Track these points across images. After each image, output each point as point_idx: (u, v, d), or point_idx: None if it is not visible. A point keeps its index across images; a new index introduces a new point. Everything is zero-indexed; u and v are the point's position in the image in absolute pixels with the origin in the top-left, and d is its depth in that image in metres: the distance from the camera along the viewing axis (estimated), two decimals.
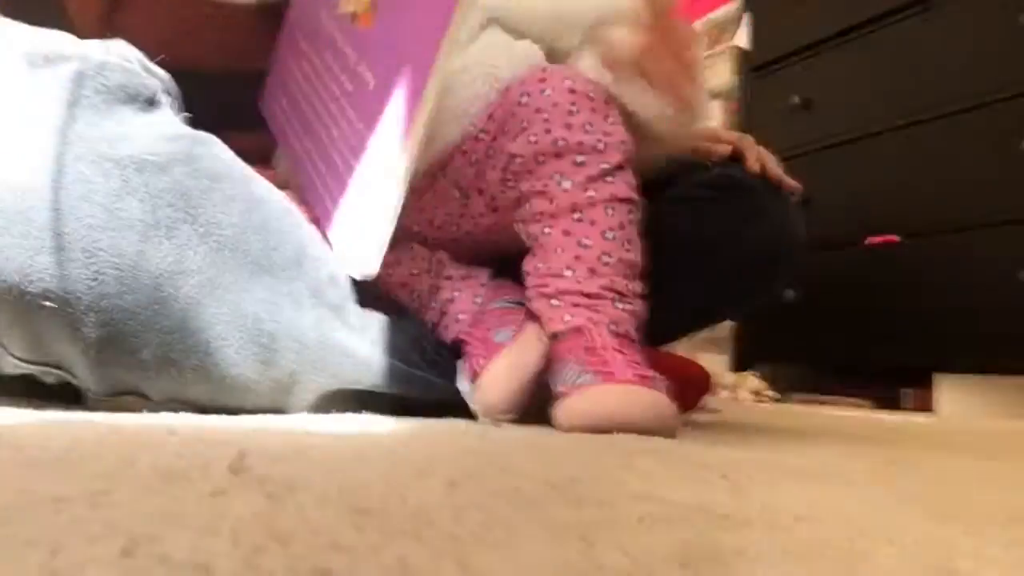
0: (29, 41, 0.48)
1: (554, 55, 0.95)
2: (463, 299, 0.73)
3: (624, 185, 0.69)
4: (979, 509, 0.32)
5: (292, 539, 0.19)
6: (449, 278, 0.75)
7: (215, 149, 0.54)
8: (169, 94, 0.55)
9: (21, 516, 0.19)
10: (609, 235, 0.67)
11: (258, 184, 0.57)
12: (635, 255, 0.67)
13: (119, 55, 0.51)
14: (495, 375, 0.65)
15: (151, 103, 0.52)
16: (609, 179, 0.68)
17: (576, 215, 0.67)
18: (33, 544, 0.17)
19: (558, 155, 0.69)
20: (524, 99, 0.73)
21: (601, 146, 0.68)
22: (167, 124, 0.52)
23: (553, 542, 0.21)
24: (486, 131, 0.77)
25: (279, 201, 0.58)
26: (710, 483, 0.34)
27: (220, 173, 0.53)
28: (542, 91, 0.72)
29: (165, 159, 0.49)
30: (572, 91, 0.71)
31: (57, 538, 0.17)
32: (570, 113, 0.70)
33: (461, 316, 0.73)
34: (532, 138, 0.70)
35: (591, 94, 0.71)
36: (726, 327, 2.30)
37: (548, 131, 0.69)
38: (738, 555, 0.20)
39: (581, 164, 0.68)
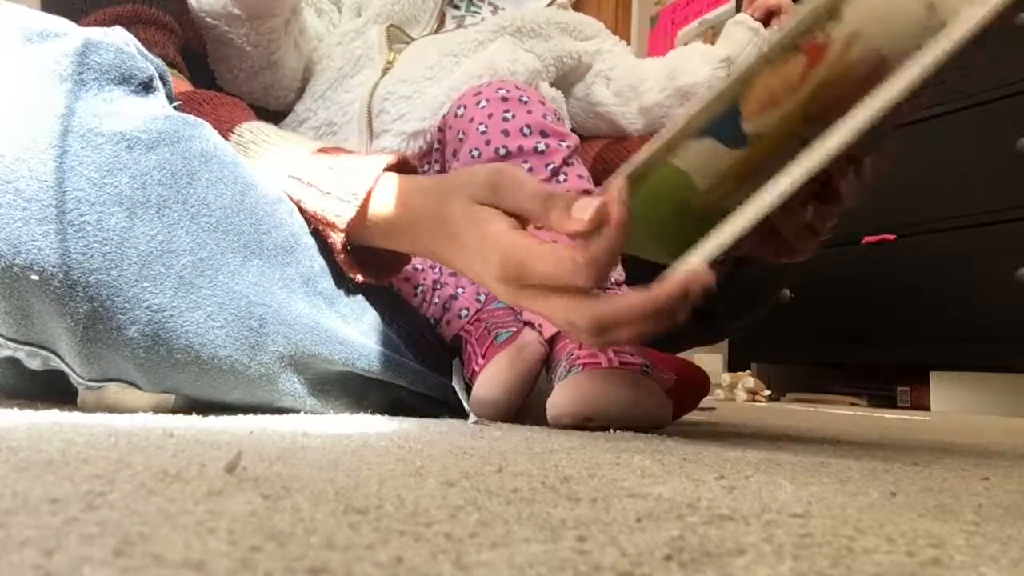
0: (24, 17, 0.49)
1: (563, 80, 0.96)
2: (466, 296, 0.74)
3: (575, 179, 0.69)
4: (975, 506, 0.32)
5: (288, 539, 0.19)
6: (453, 274, 0.75)
7: (205, 132, 0.54)
8: (164, 81, 0.55)
9: (16, 518, 0.19)
10: None
11: (248, 169, 0.57)
12: None
13: (116, 38, 0.51)
14: (492, 375, 0.65)
15: (146, 88, 0.52)
16: (560, 178, 0.69)
17: None
18: (28, 545, 0.17)
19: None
20: (460, 111, 0.74)
21: (543, 147, 0.69)
22: (158, 107, 0.52)
23: (549, 541, 0.21)
24: (440, 142, 0.79)
25: (271, 188, 0.58)
26: (705, 481, 0.34)
27: (210, 155, 0.53)
28: (477, 103, 0.73)
29: (154, 138, 0.49)
30: (505, 99, 0.72)
31: (52, 539, 0.17)
32: (505, 120, 0.71)
33: (463, 313, 0.73)
34: (474, 152, 0.71)
35: (523, 98, 0.72)
36: None
37: (488, 142, 0.70)
38: (733, 553, 0.20)
39: (528, 170, 0.68)
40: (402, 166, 0.61)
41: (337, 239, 0.59)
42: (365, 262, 0.61)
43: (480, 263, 0.50)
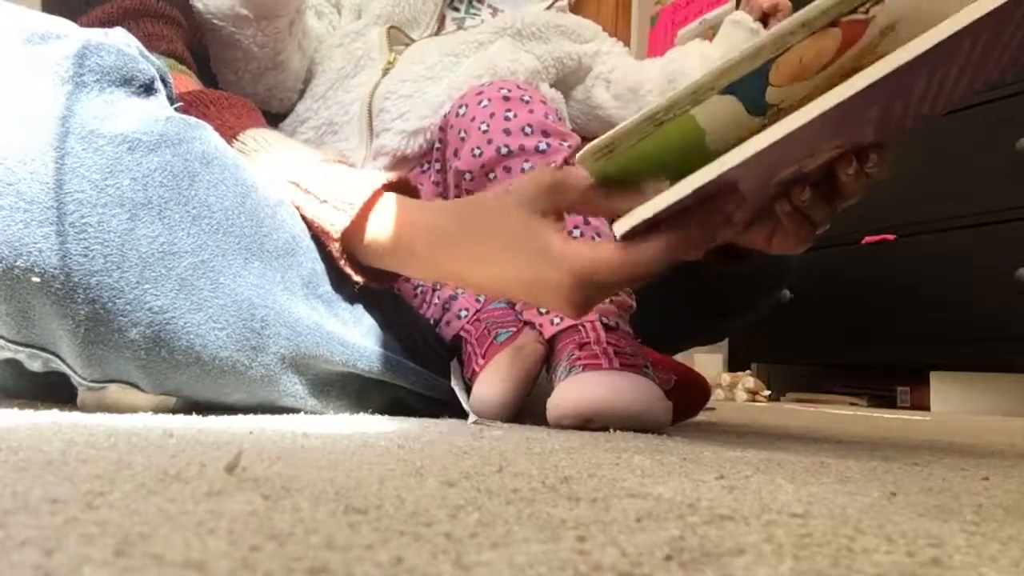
0: (24, 19, 0.48)
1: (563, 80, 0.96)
2: (466, 296, 0.74)
3: None
4: (975, 506, 0.32)
5: (288, 539, 0.19)
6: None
7: (206, 134, 0.54)
8: (165, 83, 0.55)
9: (16, 518, 0.19)
10: (576, 232, 0.67)
11: (249, 172, 0.57)
12: None
13: (117, 39, 0.51)
14: (492, 375, 0.65)
15: (147, 90, 0.52)
16: None
17: None
18: (28, 545, 0.17)
19: (505, 165, 0.69)
20: (462, 111, 0.74)
21: (544, 146, 0.69)
22: (159, 109, 0.52)
23: (549, 541, 0.21)
24: (441, 141, 0.79)
25: (272, 190, 0.58)
26: (705, 481, 0.34)
27: (211, 157, 0.53)
28: (479, 102, 0.73)
29: (156, 140, 0.49)
30: (507, 98, 0.72)
31: (52, 539, 0.17)
32: (507, 119, 0.71)
33: (463, 313, 0.73)
34: (475, 151, 0.71)
35: (525, 97, 0.72)
36: None
37: (490, 141, 0.70)
38: (733, 553, 0.20)
39: (529, 169, 0.68)
40: (403, 185, 0.61)
41: (334, 248, 0.59)
42: (366, 266, 0.61)
43: (543, 276, 0.49)
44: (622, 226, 0.46)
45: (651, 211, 0.45)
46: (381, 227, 0.57)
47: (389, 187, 0.59)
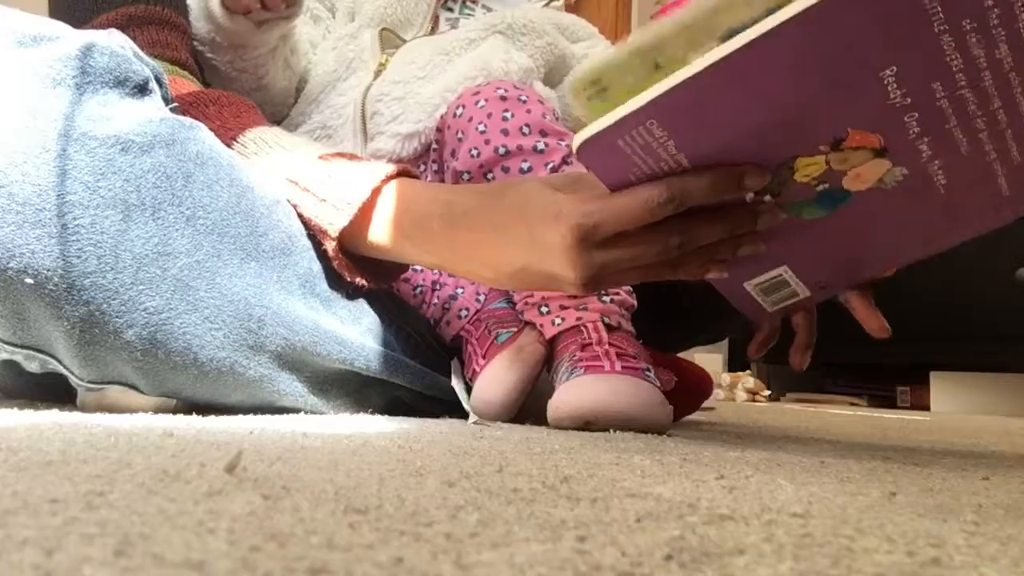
0: (16, 21, 0.48)
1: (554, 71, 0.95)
2: (466, 296, 0.74)
3: None
4: (975, 506, 0.32)
5: (288, 539, 0.19)
6: (453, 275, 0.75)
7: (201, 134, 0.54)
8: (160, 83, 0.55)
9: (16, 518, 0.19)
10: None
11: (245, 171, 0.57)
12: None
13: (111, 41, 0.51)
14: (492, 375, 0.65)
15: (142, 91, 0.52)
16: None
17: None
18: (28, 545, 0.17)
19: (503, 165, 0.69)
20: (459, 111, 0.74)
21: (542, 146, 0.69)
22: (153, 110, 0.52)
23: (549, 541, 0.21)
24: (438, 142, 0.79)
25: (268, 190, 0.58)
26: (705, 481, 0.34)
27: (206, 158, 0.53)
28: (476, 102, 0.73)
29: (149, 140, 0.49)
30: (504, 98, 0.72)
31: (52, 539, 0.17)
32: (504, 119, 0.71)
33: (463, 313, 0.73)
34: (473, 151, 0.71)
35: (522, 97, 0.72)
36: None
37: (487, 141, 0.70)
38: (733, 553, 0.20)
39: (528, 170, 0.68)
40: (405, 175, 0.60)
41: (329, 247, 0.59)
42: (364, 266, 0.61)
43: (551, 235, 0.48)
44: (580, 136, 0.44)
45: (610, 120, 0.43)
46: (389, 212, 0.57)
47: (391, 179, 0.59)
